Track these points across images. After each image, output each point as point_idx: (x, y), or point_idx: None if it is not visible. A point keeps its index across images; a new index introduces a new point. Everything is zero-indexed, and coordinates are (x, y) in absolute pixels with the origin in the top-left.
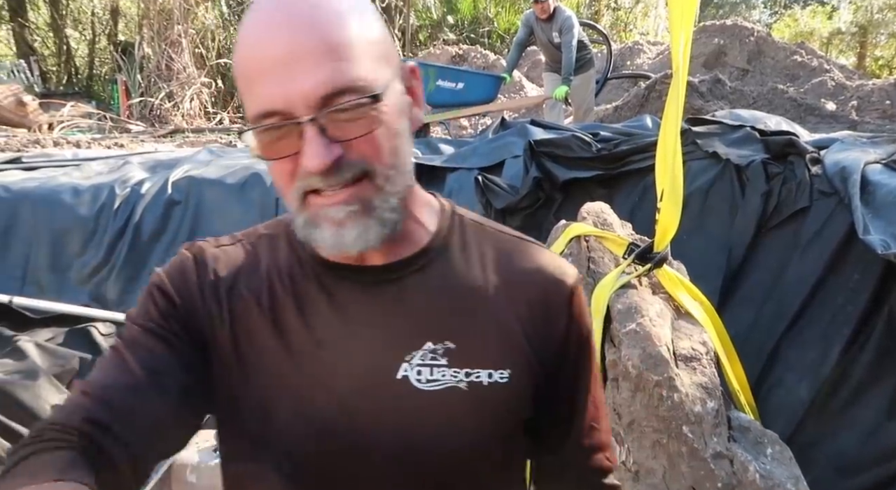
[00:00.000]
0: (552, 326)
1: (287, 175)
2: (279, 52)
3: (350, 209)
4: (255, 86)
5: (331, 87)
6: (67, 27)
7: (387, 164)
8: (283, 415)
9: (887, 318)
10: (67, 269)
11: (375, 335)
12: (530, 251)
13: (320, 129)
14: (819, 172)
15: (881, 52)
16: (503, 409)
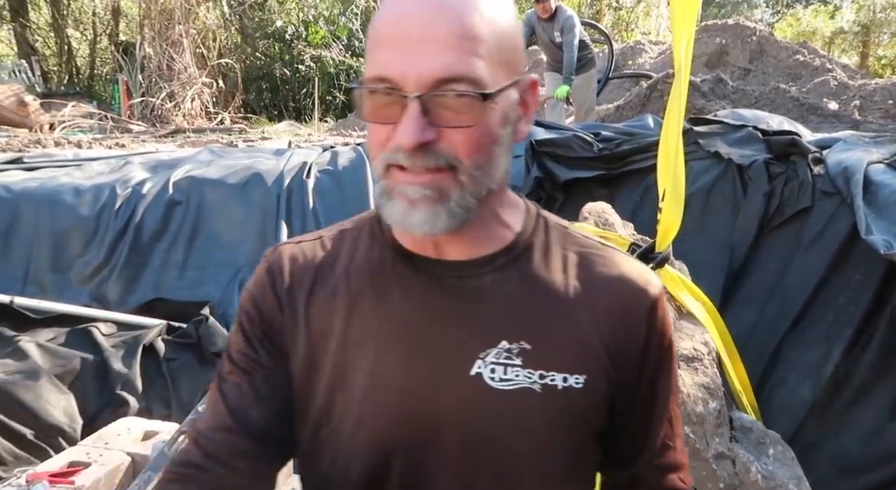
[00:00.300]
0: (631, 336)
1: (380, 141)
2: (414, 26)
3: (425, 193)
4: (380, 49)
5: (446, 73)
6: (69, 27)
7: (474, 163)
8: (352, 412)
9: (890, 318)
10: (68, 270)
11: (451, 331)
12: (614, 258)
13: (423, 108)
14: (821, 172)
15: (884, 51)
16: (576, 415)
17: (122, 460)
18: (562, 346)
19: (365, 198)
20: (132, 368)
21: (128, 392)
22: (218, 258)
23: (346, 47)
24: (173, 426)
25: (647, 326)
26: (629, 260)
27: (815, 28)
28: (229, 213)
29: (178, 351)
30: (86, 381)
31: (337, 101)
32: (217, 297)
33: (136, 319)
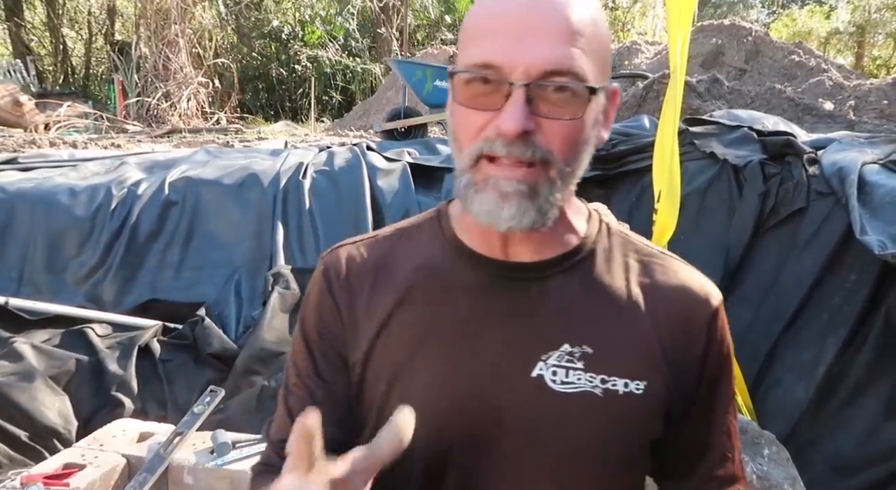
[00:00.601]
0: (691, 345)
1: (474, 129)
2: (525, 16)
3: (519, 187)
4: (487, 36)
5: (556, 65)
6: (64, 27)
7: (566, 159)
8: (416, 404)
9: (884, 319)
10: (64, 271)
11: (514, 331)
12: (674, 267)
13: (528, 97)
14: (816, 173)
15: (879, 51)
16: (635, 421)
17: (118, 462)
18: (623, 351)
19: (361, 198)
20: (127, 370)
21: (123, 393)
22: (214, 259)
23: (342, 47)
24: (169, 428)
25: (707, 336)
26: (690, 269)
27: (810, 28)
28: (225, 213)
29: (173, 352)
30: (81, 383)
31: (333, 101)
32: (213, 297)
33: (131, 320)
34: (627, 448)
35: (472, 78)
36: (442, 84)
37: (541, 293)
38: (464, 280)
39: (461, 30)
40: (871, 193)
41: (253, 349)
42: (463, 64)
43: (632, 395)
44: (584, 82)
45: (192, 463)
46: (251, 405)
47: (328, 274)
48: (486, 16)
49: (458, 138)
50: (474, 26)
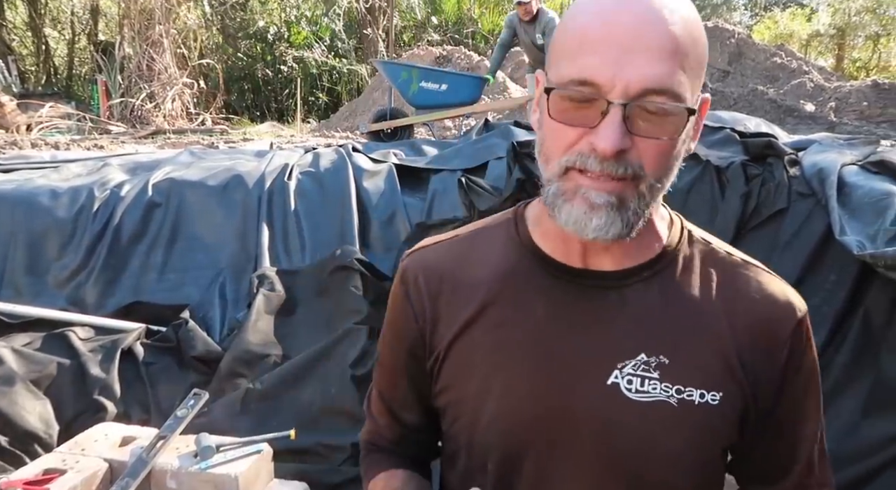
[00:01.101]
0: (773, 357)
1: (566, 143)
2: (625, 34)
3: (609, 199)
4: (586, 53)
5: (656, 85)
6: (46, 26)
7: (657, 176)
8: (489, 409)
9: (863, 319)
10: (45, 273)
11: (591, 339)
12: (758, 276)
13: (624, 116)
14: (797, 174)
15: (858, 54)
16: (710, 431)
17: (99, 467)
18: (700, 362)
19: (347, 200)
20: (110, 373)
21: (105, 397)
22: (198, 261)
23: (328, 48)
24: (152, 431)
25: (790, 348)
26: (774, 279)
27: (792, 31)
28: (210, 215)
29: (157, 355)
30: (62, 387)
31: (319, 101)
32: (197, 299)
33: (114, 323)
34: (700, 457)
35: (569, 95)
36: (428, 85)
37: (619, 301)
38: (541, 287)
39: (555, 42)
40: (850, 194)
41: (237, 351)
42: (558, 78)
43: (707, 405)
44: (681, 103)
45: (175, 467)
46: (235, 408)
47: (406, 278)
48: (584, 30)
49: (547, 150)
50: (571, 40)
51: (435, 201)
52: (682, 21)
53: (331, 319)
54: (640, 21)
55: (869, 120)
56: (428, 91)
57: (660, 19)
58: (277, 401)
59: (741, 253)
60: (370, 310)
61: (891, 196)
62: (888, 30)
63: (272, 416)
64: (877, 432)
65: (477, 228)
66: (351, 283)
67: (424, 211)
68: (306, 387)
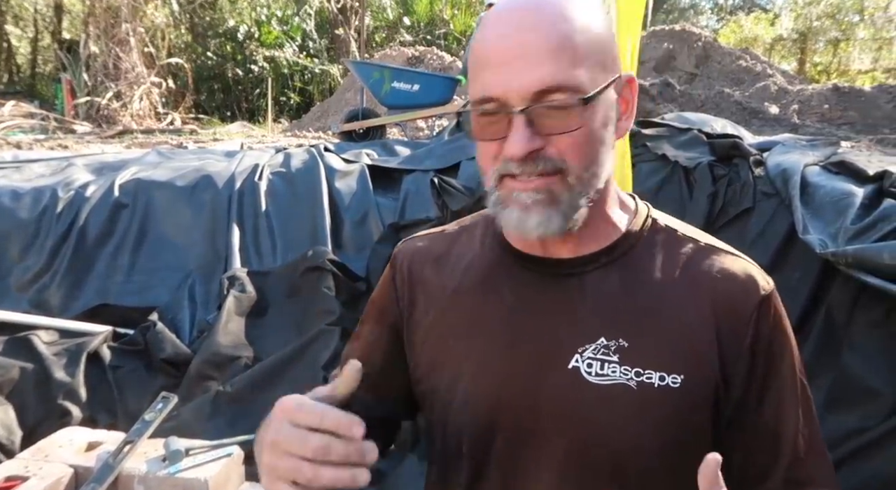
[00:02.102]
0: (738, 336)
1: (490, 156)
2: (508, 48)
3: (537, 197)
4: (482, 73)
5: (545, 84)
6: (8, 24)
7: (581, 165)
8: (460, 392)
9: (825, 316)
10: (7, 276)
11: (552, 324)
12: (721, 258)
13: (528, 120)
14: (762, 174)
15: (820, 58)
16: (673, 414)
17: (64, 473)
18: (660, 345)
19: (318, 199)
20: (75, 377)
21: (70, 401)
22: (166, 262)
23: (300, 48)
24: (119, 436)
25: (755, 327)
26: (738, 259)
27: (756, 35)
28: (178, 216)
29: (124, 358)
30: (25, 391)
31: (291, 101)
32: (166, 301)
33: (79, 326)
34: (665, 441)
35: (478, 114)
36: (400, 86)
37: (579, 288)
38: (510, 277)
39: (467, 65)
40: (812, 194)
41: (207, 353)
42: (471, 100)
43: (667, 388)
44: (577, 94)
45: (143, 472)
46: (205, 411)
47: (395, 262)
48: (478, 49)
49: (481, 165)
50: (474, 61)
51: (408, 202)
52: (563, 16)
53: (302, 321)
54: (521, 30)
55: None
56: (400, 91)
57: (538, 23)
58: (248, 403)
59: (709, 237)
60: (342, 311)
61: (851, 196)
62: (847, 35)
63: (243, 419)
64: (838, 427)
65: (464, 224)
66: (323, 284)
67: (397, 211)
68: (278, 389)
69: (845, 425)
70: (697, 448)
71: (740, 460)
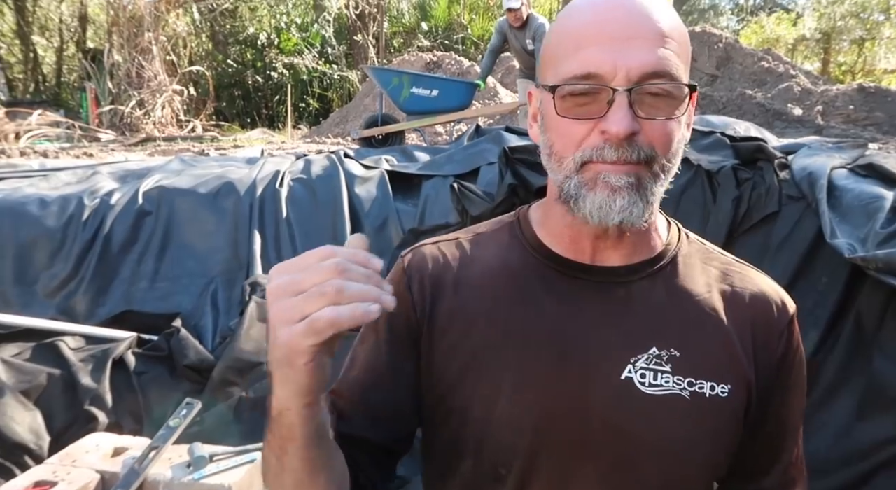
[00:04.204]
0: (771, 350)
1: (576, 139)
2: (619, 27)
3: (629, 180)
4: (584, 49)
5: (656, 68)
6: (34, 34)
7: (667, 156)
8: (502, 406)
9: (854, 321)
10: (34, 283)
11: (603, 335)
12: (752, 275)
13: (630, 102)
14: (787, 177)
15: (844, 57)
16: (722, 424)
17: (91, 478)
18: (709, 354)
19: (339, 205)
20: (101, 383)
21: (96, 407)
22: (189, 269)
23: (319, 54)
24: (144, 441)
25: (786, 341)
26: (765, 277)
27: (778, 35)
28: (200, 222)
29: (148, 364)
30: (53, 397)
31: (310, 108)
32: (189, 308)
33: (104, 332)
34: (714, 450)
35: (574, 90)
36: (419, 91)
37: (627, 297)
38: (550, 284)
39: (549, 46)
40: (840, 197)
41: (230, 360)
42: (560, 77)
43: (717, 398)
44: (679, 82)
45: (168, 478)
46: (228, 417)
47: (410, 271)
48: (579, 28)
49: (556, 150)
50: (568, 40)
51: (427, 207)
52: (668, 12)
53: None
54: (631, 13)
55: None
56: (419, 97)
57: (649, 11)
58: None
59: (730, 255)
60: None
61: (880, 199)
62: (873, 34)
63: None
64: (870, 435)
65: (478, 232)
66: None
67: (417, 217)
68: None
69: (877, 433)
70: (726, 457)
71: (743, 457)
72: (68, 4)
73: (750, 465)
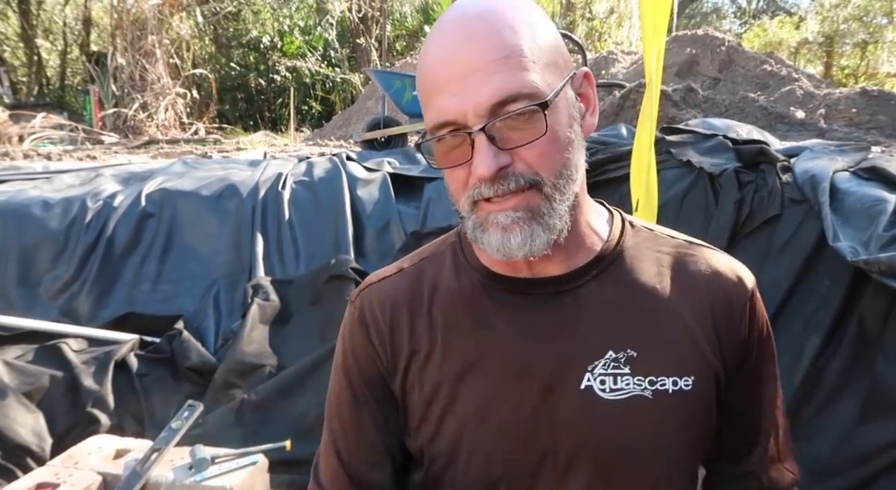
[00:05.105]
0: (735, 330)
1: (460, 183)
2: (454, 67)
3: (516, 215)
4: (433, 99)
5: (499, 96)
6: (38, 37)
7: (554, 173)
8: (470, 433)
9: (857, 324)
10: (37, 285)
11: (556, 347)
12: (705, 255)
13: (490, 138)
14: (789, 180)
15: (847, 61)
16: (688, 416)
17: (93, 480)
18: (668, 349)
19: (341, 208)
20: (103, 385)
21: (99, 409)
22: (192, 271)
23: (321, 57)
24: (146, 443)
25: (749, 318)
26: (721, 254)
27: (780, 38)
28: (203, 225)
29: (151, 366)
30: (55, 399)
31: (313, 110)
32: (191, 310)
33: (107, 334)
34: (685, 444)
35: (438, 141)
36: None
37: (575, 304)
38: (497, 305)
39: (418, 91)
40: (842, 200)
41: (232, 362)
42: (428, 128)
43: (682, 391)
44: (537, 98)
45: (169, 480)
46: (230, 419)
47: (364, 318)
48: (425, 75)
49: (451, 193)
50: (423, 88)
51: (429, 210)
52: (504, 24)
53: (325, 329)
54: (463, 46)
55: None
56: None
57: (480, 35)
58: (273, 411)
59: (682, 234)
60: None
61: (883, 202)
62: (876, 37)
63: (267, 427)
64: (873, 438)
65: (422, 258)
66: (346, 293)
67: (419, 219)
68: (301, 397)
69: (880, 437)
70: (703, 446)
71: (724, 439)
72: (72, 7)
73: (732, 448)
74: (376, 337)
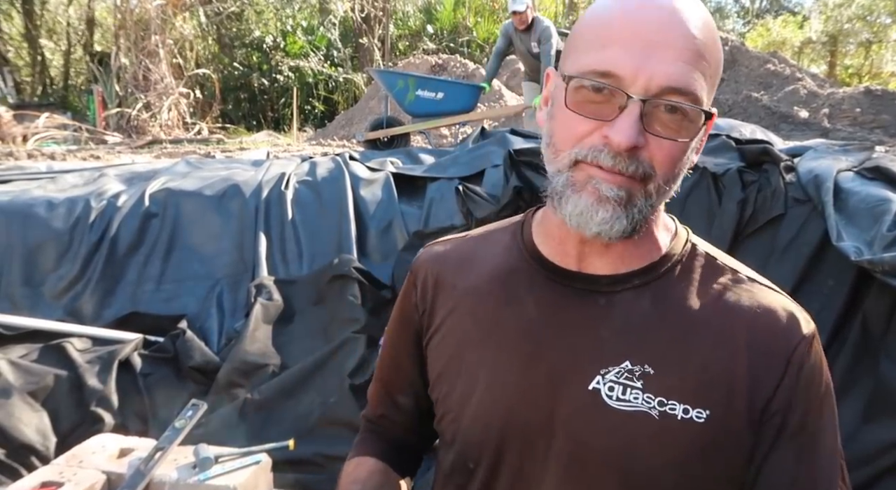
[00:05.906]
0: (771, 378)
1: (577, 135)
2: (651, 30)
3: (619, 193)
4: (611, 46)
5: (677, 83)
6: (42, 37)
7: (666, 177)
8: (473, 404)
9: (861, 324)
10: (41, 284)
11: (577, 342)
12: (761, 292)
13: (641, 113)
14: (793, 180)
15: (850, 60)
16: (694, 450)
17: (97, 479)
18: (687, 376)
19: (344, 208)
20: (107, 384)
21: (103, 408)
22: (195, 271)
23: (324, 57)
24: (150, 443)
25: (786, 369)
26: (779, 297)
27: (784, 38)
28: (206, 225)
29: (154, 365)
30: (59, 398)
31: (316, 110)
32: (195, 309)
33: (111, 334)
34: (680, 475)
35: (587, 85)
36: (425, 94)
37: (608, 307)
38: (534, 288)
39: (576, 33)
40: (846, 200)
41: (235, 362)
42: (578, 68)
43: (692, 422)
44: (699, 105)
45: (173, 479)
46: (234, 418)
47: (417, 269)
48: (609, 23)
49: (556, 142)
50: (594, 32)
51: (432, 209)
52: (706, 27)
53: (328, 328)
54: (666, 19)
55: (862, 126)
56: (424, 99)
57: (685, 20)
58: (276, 411)
59: (750, 271)
60: (368, 319)
61: (887, 202)
62: (879, 37)
63: (270, 427)
64: (877, 438)
65: (488, 230)
66: (349, 292)
67: (422, 219)
68: (304, 397)
69: (884, 437)
70: (716, 487)
71: None
72: (76, 8)
73: None
74: (421, 285)
